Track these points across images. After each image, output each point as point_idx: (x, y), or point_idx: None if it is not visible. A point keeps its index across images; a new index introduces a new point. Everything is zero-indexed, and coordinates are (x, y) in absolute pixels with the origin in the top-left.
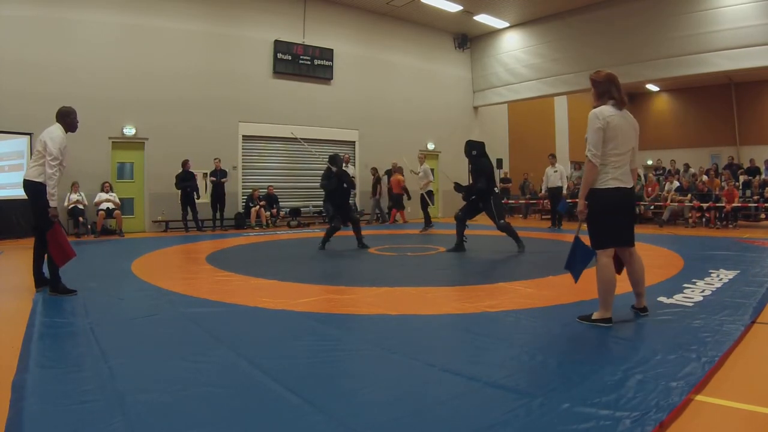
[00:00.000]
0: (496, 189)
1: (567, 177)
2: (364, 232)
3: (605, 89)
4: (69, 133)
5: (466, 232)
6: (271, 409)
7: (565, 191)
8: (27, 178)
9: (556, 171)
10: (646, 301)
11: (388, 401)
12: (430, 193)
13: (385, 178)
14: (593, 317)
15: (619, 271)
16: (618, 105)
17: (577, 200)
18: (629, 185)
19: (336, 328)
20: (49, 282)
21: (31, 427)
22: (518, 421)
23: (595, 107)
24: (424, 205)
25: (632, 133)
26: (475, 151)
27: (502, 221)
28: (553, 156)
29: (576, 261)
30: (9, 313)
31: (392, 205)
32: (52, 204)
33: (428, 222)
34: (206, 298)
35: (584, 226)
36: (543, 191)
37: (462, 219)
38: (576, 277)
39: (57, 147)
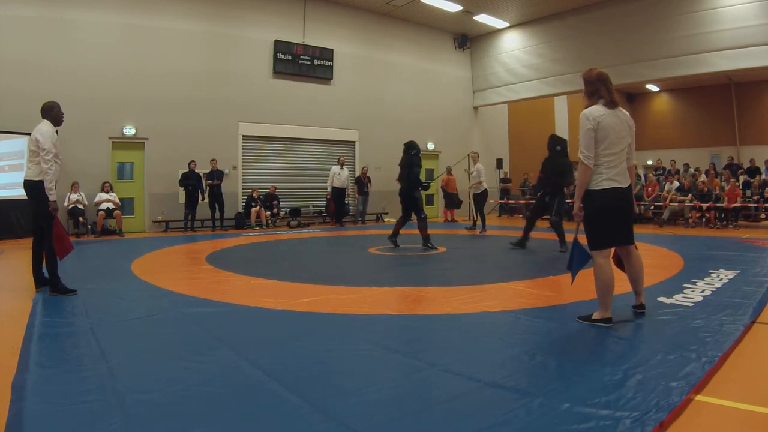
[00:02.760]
0: (565, 189)
1: None
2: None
3: (595, 89)
4: (57, 127)
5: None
6: (271, 409)
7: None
8: (26, 179)
9: None
10: (644, 299)
11: (388, 401)
12: (484, 193)
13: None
14: (593, 317)
15: (621, 268)
16: (608, 104)
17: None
18: (625, 184)
19: (336, 328)
20: (48, 282)
21: (31, 427)
22: (518, 421)
23: (586, 107)
24: (477, 207)
25: (626, 131)
26: (560, 147)
27: (554, 218)
28: None
29: (574, 262)
30: (9, 313)
31: (446, 204)
32: (51, 198)
33: (483, 224)
34: (206, 298)
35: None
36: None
37: (532, 219)
38: (572, 278)
39: (48, 141)
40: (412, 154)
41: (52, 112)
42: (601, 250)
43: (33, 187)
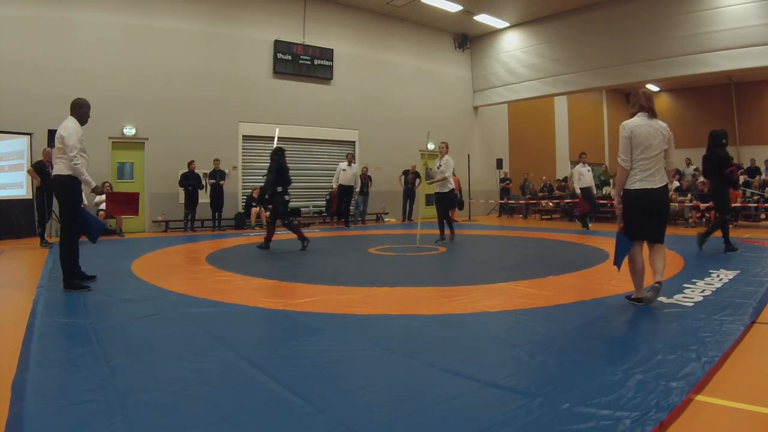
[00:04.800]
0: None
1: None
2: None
3: (636, 101)
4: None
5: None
6: (271, 409)
7: (595, 191)
8: (55, 173)
9: (589, 171)
10: (659, 278)
11: (388, 401)
12: (451, 194)
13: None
14: (631, 297)
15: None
16: (646, 113)
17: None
18: (656, 185)
19: (336, 328)
20: (63, 279)
21: (31, 427)
22: (518, 421)
23: (630, 116)
24: (441, 211)
25: (659, 138)
26: (725, 140)
27: (727, 216)
28: (585, 154)
29: (618, 251)
30: (9, 313)
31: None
32: (90, 184)
33: (452, 231)
34: (206, 298)
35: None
36: (576, 190)
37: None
38: (618, 266)
39: (73, 136)
40: (277, 158)
41: (80, 110)
42: (635, 241)
43: (59, 181)
